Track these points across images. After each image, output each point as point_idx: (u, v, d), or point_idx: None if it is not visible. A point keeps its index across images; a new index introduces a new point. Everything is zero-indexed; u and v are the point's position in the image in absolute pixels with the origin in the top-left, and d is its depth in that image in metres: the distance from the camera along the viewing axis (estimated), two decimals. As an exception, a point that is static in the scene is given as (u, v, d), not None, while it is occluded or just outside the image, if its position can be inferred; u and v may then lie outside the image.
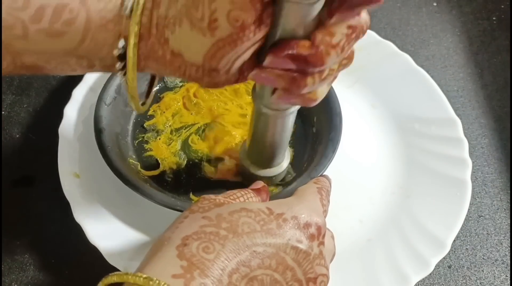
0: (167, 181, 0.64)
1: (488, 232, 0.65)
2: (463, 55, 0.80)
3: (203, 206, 0.43)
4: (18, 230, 0.63)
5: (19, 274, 0.60)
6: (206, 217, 0.41)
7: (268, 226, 0.40)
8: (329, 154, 0.60)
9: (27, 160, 0.68)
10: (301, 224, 0.41)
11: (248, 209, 0.41)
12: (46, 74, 0.45)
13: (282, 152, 0.59)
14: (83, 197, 0.61)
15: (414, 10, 0.86)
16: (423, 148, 0.67)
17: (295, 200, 0.44)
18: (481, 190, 0.68)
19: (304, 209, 0.43)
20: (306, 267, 0.41)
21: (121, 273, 0.37)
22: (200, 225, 0.40)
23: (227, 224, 0.39)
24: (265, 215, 0.41)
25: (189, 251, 0.37)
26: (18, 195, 0.65)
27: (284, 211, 0.42)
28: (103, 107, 0.63)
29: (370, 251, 0.60)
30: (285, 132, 0.54)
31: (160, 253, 0.38)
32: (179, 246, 0.38)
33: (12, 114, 0.72)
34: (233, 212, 0.41)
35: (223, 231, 0.39)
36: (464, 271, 0.62)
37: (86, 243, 0.57)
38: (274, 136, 0.54)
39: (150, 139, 0.67)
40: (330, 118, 0.62)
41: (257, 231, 0.39)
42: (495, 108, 0.75)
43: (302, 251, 0.40)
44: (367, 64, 0.73)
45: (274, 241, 0.39)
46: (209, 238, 0.38)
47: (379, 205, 0.64)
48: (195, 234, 0.39)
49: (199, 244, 0.38)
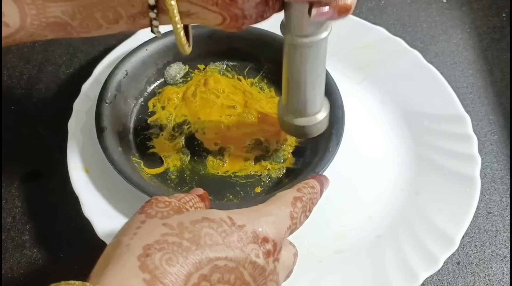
0: (171, 179, 0.64)
1: (497, 228, 0.64)
2: (473, 52, 0.80)
3: (161, 211, 0.41)
4: (27, 226, 0.63)
5: (28, 269, 0.60)
6: (167, 224, 0.39)
7: (229, 239, 0.39)
8: (333, 148, 0.60)
9: (36, 155, 0.68)
10: (259, 239, 0.41)
11: (210, 219, 0.40)
12: (68, 37, 0.43)
13: (318, 95, 0.57)
14: (92, 192, 0.61)
15: (424, 7, 0.86)
16: (432, 144, 0.67)
17: (258, 212, 0.43)
18: (490, 186, 0.67)
19: (264, 223, 0.42)
20: (260, 283, 0.40)
21: (79, 283, 0.35)
22: (162, 233, 0.38)
23: (189, 234, 0.38)
24: (227, 226, 0.40)
25: (152, 262, 0.36)
26: (27, 190, 0.66)
27: (245, 223, 0.41)
28: (104, 106, 0.63)
29: (379, 247, 0.60)
30: (318, 66, 0.53)
31: (119, 261, 0.37)
32: (140, 256, 0.36)
33: (21, 109, 0.72)
34: (195, 221, 0.40)
35: (186, 242, 0.38)
36: (473, 268, 0.62)
37: (95, 239, 0.57)
38: (307, 72, 0.53)
39: (152, 136, 0.66)
40: (332, 111, 0.62)
41: (219, 244, 0.38)
42: (504, 104, 0.74)
43: (260, 267, 0.40)
44: (377, 60, 0.73)
45: (234, 255, 0.39)
46: (172, 249, 0.37)
47: (388, 202, 0.64)
48: (157, 244, 0.37)
49: (162, 256, 0.36)
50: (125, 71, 0.66)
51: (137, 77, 0.68)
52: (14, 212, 0.64)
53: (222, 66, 0.72)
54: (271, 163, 0.64)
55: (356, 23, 0.76)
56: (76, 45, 0.78)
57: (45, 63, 0.77)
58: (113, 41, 0.78)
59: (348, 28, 0.75)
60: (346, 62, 0.74)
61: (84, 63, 0.77)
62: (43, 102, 0.73)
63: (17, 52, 0.78)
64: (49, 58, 0.77)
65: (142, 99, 0.69)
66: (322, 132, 0.61)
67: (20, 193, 0.65)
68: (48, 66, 0.76)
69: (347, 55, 0.74)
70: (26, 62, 0.77)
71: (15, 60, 0.77)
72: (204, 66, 0.72)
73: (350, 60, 0.74)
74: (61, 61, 0.77)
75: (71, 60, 0.77)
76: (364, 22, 0.76)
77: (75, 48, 0.78)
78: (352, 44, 0.75)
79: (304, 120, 0.58)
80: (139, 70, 0.68)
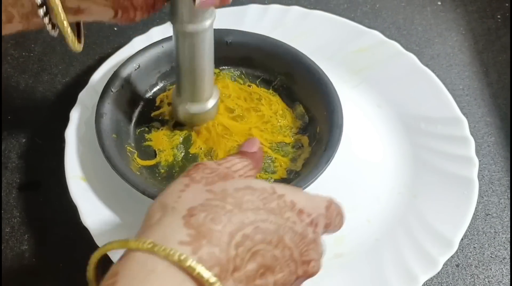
0: (160, 172, 0.64)
1: (495, 230, 0.64)
2: (468, 54, 0.80)
3: (206, 177, 0.43)
4: (25, 235, 0.63)
5: (28, 278, 0.60)
6: (210, 191, 0.40)
7: (269, 205, 0.40)
8: (322, 166, 0.59)
9: (33, 164, 0.68)
10: (296, 210, 0.41)
11: (253, 188, 0.41)
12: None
13: (208, 82, 0.61)
14: (90, 200, 0.61)
15: (418, 10, 0.86)
16: (429, 147, 0.67)
17: (298, 189, 0.45)
18: (488, 188, 0.67)
19: (302, 198, 0.43)
20: (302, 249, 0.41)
21: (122, 240, 0.36)
22: (206, 198, 0.39)
23: (232, 199, 0.39)
24: (268, 194, 0.41)
25: (196, 221, 0.37)
26: (25, 199, 0.65)
27: (285, 193, 0.42)
28: (109, 93, 0.64)
29: (378, 250, 0.60)
30: (206, 52, 0.57)
31: (163, 220, 0.38)
32: (185, 216, 0.37)
33: (18, 119, 0.72)
34: (238, 189, 0.41)
35: (229, 206, 0.39)
36: (472, 270, 0.62)
37: (95, 247, 0.57)
38: (196, 59, 0.57)
39: (153, 129, 0.67)
40: (330, 129, 0.62)
41: (260, 208, 0.39)
42: (501, 106, 0.75)
43: (298, 233, 0.41)
44: (373, 64, 0.74)
45: (275, 219, 0.40)
46: (215, 210, 0.38)
47: (386, 205, 0.64)
48: (201, 206, 0.38)
49: (206, 215, 0.37)
50: (137, 64, 0.67)
51: (149, 71, 0.69)
52: (13, 222, 0.64)
53: (236, 72, 0.72)
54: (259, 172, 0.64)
55: (351, 27, 0.76)
56: (72, 54, 0.78)
57: (41, 72, 0.77)
58: (108, 50, 0.78)
59: (343, 32, 0.76)
60: (341, 66, 0.74)
61: (80, 72, 0.77)
62: (39, 111, 0.73)
63: (13, 62, 0.78)
64: (44, 67, 0.77)
65: (151, 93, 0.70)
66: (316, 150, 0.63)
67: (18, 203, 0.65)
68: (44, 75, 0.76)
69: (342, 59, 0.75)
70: (22, 72, 0.77)
71: (11, 70, 0.77)
72: (219, 71, 0.72)
73: (346, 64, 0.74)
74: (56, 70, 0.77)
75: (66, 69, 0.77)
76: (359, 26, 0.76)
77: (71, 57, 0.78)
78: (348, 48, 0.75)
79: (197, 107, 0.62)
80: (152, 65, 0.69)
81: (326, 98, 0.64)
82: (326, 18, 0.78)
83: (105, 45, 0.80)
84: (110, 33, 0.82)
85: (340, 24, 0.77)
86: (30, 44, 0.80)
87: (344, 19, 0.77)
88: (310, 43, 0.75)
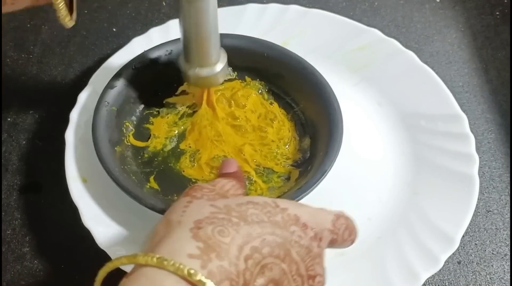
0: (142, 156, 0.65)
1: (496, 227, 0.64)
2: (468, 51, 0.80)
3: (206, 194, 0.43)
4: (27, 237, 0.63)
5: (29, 280, 0.60)
6: (214, 205, 0.40)
7: (274, 218, 0.40)
8: (316, 178, 0.58)
9: (34, 166, 0.68)
10: (300, 224, 0.41)
11: (254, 202, 0.41)
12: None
13: (215, 46, 0.61)
14: (91, 202, 0.61)
15: (417, 7, 0.86)
16: (429, 144, 0.67)
17: (300, 204, 0.45)
18: (488, 185, 0.67)
19: (305, 212, 0.43)
20: (308, 264, 0.41)
21: (130, 255, 0.36)
22: (211, 212, 0.39)
23: (236, 213, 0.39)
24: (271, 207, 0.41)
25: (205, 233, 0.37)
26: (26, 201, 0.66)
27: (288, 207, 0.42)
28: (129, 70, 0.66)
29: (379, 248, 0.60)
30: (211, 17, 0.58)
31: (170, 235, 0.38)
32: (193, 229, 0.37)
33: (18, 121, 0.72)
34: (241, 204, 0.41)
35: (235, 219, 0.39)
36: (473, 267, 0.62)
37: (96, 248, 0.57)
38: (203, 24, 0.58)
39: (160, 114, 0.68)
40: (328, 141, 0.61)
41: (264, 221, 0.39)
42: (500, 102, 0.74)
43: (304, 247, 0.41)
44: (372, 62, 0.74)
45: (281, 233, 0.39)
46: (222, 223, 0.38)
47: (387, 203, 0.64)
48: (207, 219, 0.38)
49: (213, 228, 0.37)
50: (170, 49, 0.68)
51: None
52: (14, 224, 0.64)
53: (265, 87, 0.70)
54: None
55: (350, 25, 0.76)
56: (71, 56, 0.79)
57: (40, 74, 0.77)
58: (107, 51, 0.78)
59: (342, 31, 0.76)
60: (341, 65, 0.74)
61: (79, 73, 0.77)
62: (39, 113, 0.73)
63: (12, 64, 0.78)
64: (44, 69, 0.77)
65: (174, 82, 0.70)
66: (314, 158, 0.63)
67: (19, 205, 0.65)
68: (44, 77, 0.76)
69: (342, 58, 0.74)
70: (21, 74, 0.77)
71: (10, 72, 0.77)
72: (250, 80, 0.71)
73: (345, 63, 0.74)
74: (56, 72, 0.77)
75: (66, 71, 0.77)
76: (358, 24, 0.76)
77: (70, 59, 0.78)
78: (347, 46, 0.75)
79: (206, 71, 0.62)
80: None
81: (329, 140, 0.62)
82: (325, 16, 0.78)
83: (104, 46, 0.80)
84: (109, 34, 0.82)
85: (339, 22, 0.77)
86: (29, 46, 0.80)
87: (343, 18, 0.77)
88: (309, 42, 0.75)
